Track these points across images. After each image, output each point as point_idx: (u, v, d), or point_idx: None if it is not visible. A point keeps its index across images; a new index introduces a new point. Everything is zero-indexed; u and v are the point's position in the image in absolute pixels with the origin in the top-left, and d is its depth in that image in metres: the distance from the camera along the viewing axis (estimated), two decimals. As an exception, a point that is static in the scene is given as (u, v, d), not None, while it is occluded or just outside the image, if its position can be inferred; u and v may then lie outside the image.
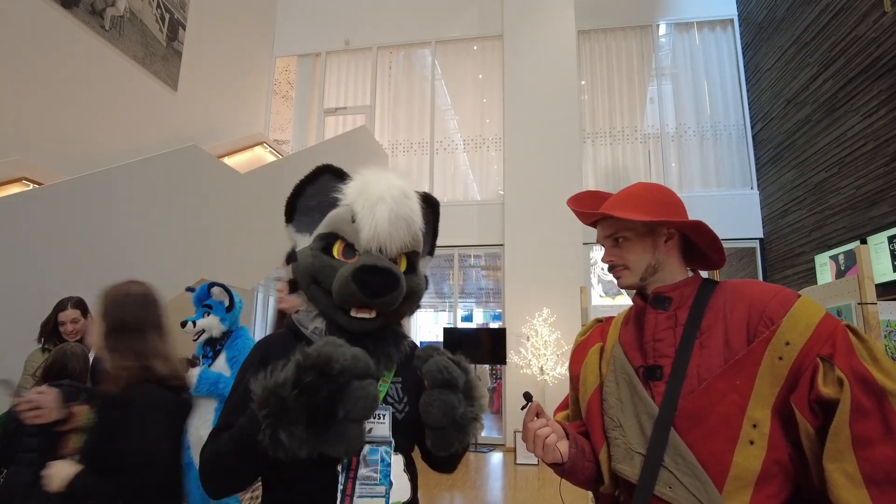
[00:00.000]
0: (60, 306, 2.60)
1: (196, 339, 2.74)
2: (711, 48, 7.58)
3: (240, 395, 0.90)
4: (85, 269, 3.15)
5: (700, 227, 0.95)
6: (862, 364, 0.79)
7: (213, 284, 2.79)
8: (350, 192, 0.99)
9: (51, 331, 2.57)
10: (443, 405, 0.88)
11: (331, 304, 0.94)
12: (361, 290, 0.89)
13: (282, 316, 2.47)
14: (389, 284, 0.90)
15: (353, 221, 0.95)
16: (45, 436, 2.18)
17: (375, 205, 0.94)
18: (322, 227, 0.99)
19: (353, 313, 0.92)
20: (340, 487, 0.86)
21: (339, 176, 1.04)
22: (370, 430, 0.90)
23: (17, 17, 4.29)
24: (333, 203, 1.00)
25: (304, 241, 1.02)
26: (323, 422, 0.77)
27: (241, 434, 0.83)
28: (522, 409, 1.00)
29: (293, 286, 1.02)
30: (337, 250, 0.95)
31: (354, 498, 0.86)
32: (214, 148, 5.97)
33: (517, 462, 5.69)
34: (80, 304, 2.63)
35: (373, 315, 0.93)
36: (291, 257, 1.02)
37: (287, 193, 1.05)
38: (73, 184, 3.19)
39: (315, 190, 1.03)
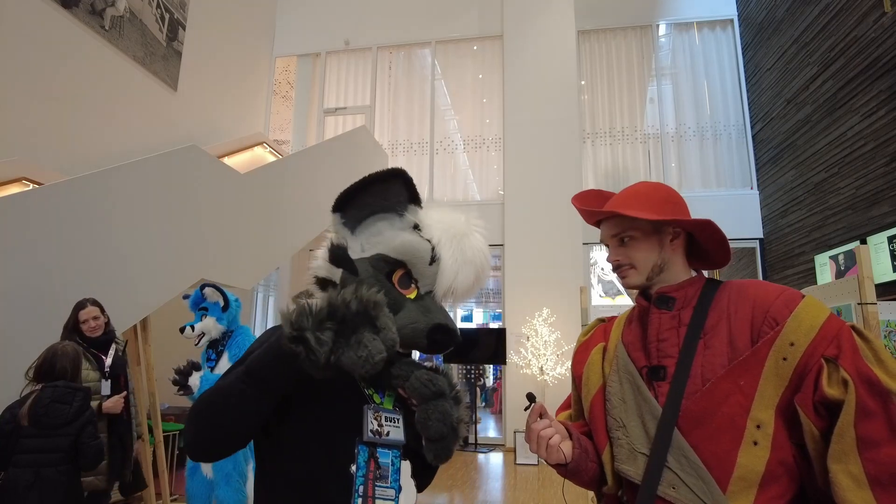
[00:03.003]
0: (80, 305, 2.72)
1: (197, 344, 2.73)
2: (711, 48, 7.58)
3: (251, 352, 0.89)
4: (85, 269, 3.14)
5: (709, 227, 0.95)
6: (867, 365, 0.79)
7: (204, 286, 2.79)
8: (433, 228, 0.96)
9: (71, 329, 2.67)
10: (440, 415, 0.89)
11: None
12: (430, 347, 0.90)
13: None
14: (452, 345, 0.92)
15: (432, 264, 0.93)
16: (44, 437, 2.17)
17: (464, 264, 0.94)
18: (392, 251, 0.93)
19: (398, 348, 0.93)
20: (360, 490, 0.86)
21: (409, 186, 0.98)
22: (388, 432, 0.90)
23: (16, 16, 4.29)
24: (389, 209, 0.97)
25: (350, 240, 0.97)
26: (351, 329, 0.78)
27: (255, 359, 0.83)
28: (526, 409, 1.00)
29: (324, 286, 0.95)
30: (396, 276, 0.94)
31: (375, 499, 0.86)
32: (214, 148, 5.96)
33: (517, 462, 5.69)
34: (97, 303, 2.77)
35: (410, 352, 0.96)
36: (345, 263, 0.94)
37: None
38: (73, 184, 3.18)
39: (380, 190, 0.96)
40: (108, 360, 2.77)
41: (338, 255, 0.94)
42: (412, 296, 0.94)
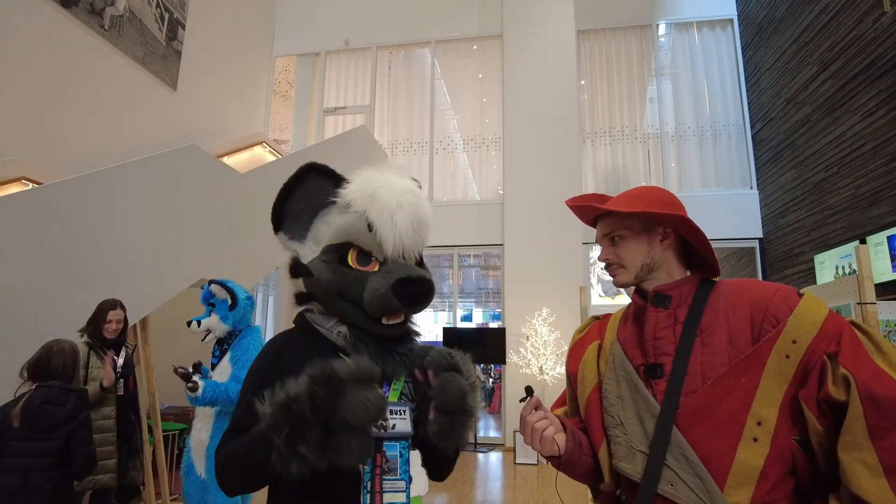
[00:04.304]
0: (111, 305, 2.83)
1: (204, 339, 2.71)
2: (711, 48, 7.58)
3: (252, 398, 0.85)
4: (84, 268, 3.15)
5: (685, 223, 0.96)
6: (870, 358, 0.80)
7: (211, 282, 2.76)
8: (356, 198, 0.95)
9: (95, 325, 2.79)
10: (457, 387, 0.87)
11: (362, 317, 0.92)
12: (403, 302, 0.89)
13: None
14: (427, 293, 0.92)
15: (371, 230, 0.92)
16: (33, 440, 2.05)
17: (394, 212, 0.92)
18: (333, 238, 0.95)
19: (385, 321, 0.92)
20: (368, 485, 0.86)
21: (326, 174, 0.99)
22: (394, 425, 0.90)
23: (16, 16, 4.29)
24: (324, 204, 0.98)
25: (301, 248, 0.99)
26: (330, 432, 0.74)
27: (250, 449, 0.81)
28: (521, 401, 1.01)
29: (302, 299, 0.99)
30: (351, 259, 0.93)
31: (384, 493, 0.86)
32: (214, 148, 5.96)
33: (517, 462, 5.69)
34: (124, 308, 2.89)
35: (402, 319, 0.95)
36: (300, 270, 0.97)
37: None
38: (72, 184, 3.18)
39: (302, 192, 0.98)
40: (121, 361, 2.88)
41: (293, 268, 0.98)
42: (376, 269, 0.94)
